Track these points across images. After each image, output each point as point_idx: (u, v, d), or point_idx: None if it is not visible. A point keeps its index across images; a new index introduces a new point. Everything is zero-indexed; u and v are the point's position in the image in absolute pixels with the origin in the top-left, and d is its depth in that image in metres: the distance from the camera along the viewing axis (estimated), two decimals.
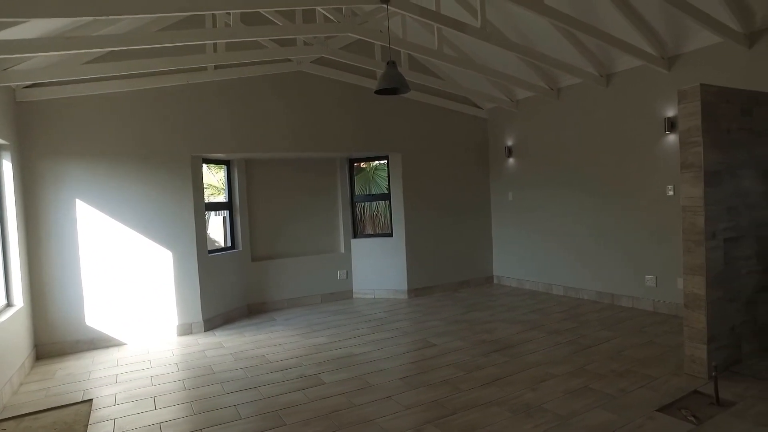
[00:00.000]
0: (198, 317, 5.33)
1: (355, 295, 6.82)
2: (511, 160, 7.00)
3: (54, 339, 4.68)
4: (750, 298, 3.68)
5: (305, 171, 6.59)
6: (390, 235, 6.77)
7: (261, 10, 4.78)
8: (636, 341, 4.30)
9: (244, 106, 5.62)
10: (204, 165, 5.74)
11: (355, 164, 6.96)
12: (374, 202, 7.19)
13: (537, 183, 6.60)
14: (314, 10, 5.10)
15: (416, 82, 6.12)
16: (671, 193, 5.01)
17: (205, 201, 5.64)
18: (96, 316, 4.85)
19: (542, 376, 3.60)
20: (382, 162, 7.02)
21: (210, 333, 5.28)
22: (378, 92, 4.10)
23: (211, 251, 5.72)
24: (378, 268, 6.74)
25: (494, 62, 6.03)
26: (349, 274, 6.80)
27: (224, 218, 6.23)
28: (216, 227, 6.69)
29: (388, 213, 6.85)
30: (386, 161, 6.83)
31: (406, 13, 4.11)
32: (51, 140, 4.66)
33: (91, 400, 3.56)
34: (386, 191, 6.90)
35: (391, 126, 6.57)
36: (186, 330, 5.26)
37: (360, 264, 6.80)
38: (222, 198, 6.35)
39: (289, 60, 5.80)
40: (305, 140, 5.99)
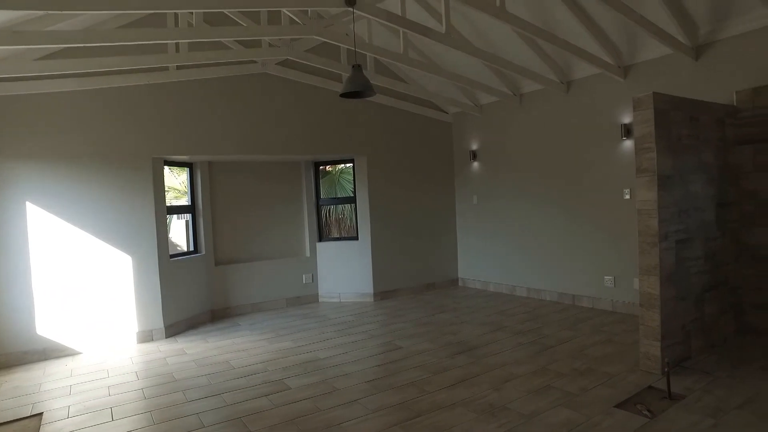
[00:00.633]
0: (159, 323, 5.18)
1: (321, 299, 6.77)
2: (476, 164, 7.11)
3: None
4: (699, 297, 3.87)
5: (270, 173, 6.51)
6: (356, 238, 6.76)
7: (225, 11, 4.71)
8: (595, 340, 4.44)
9: (207, 107, 5.51)
10: (166, 167, 5.60)
11: (321, 167, 6.93)
12: (340, 206, 7.17)
13: (501, 187, 6.73)
14: (279, 11, 5.07)
15: (382, 86, 6.15)
16: (628, 197, 5.21)
17: (167, 204, 5.49)
18: (48, 324, 4.64)
19: (506, 377, 3.67)
20: (347, 165, 7.01)
21: (172, 339, 5.14)
22: (343, 95, 4.11)
23: (173, 255, 5.57)
24: (344, 271, 6.72)
25: (459, 67, 6.12)
26: (314, 277, 6.76)
27: (187, 222, 6.08)
28: (178, 231, 6.53)
29: (354, 216, 6.84)
30: (352, 164, 6.83)
31: (372, 17, 4.13)
32: None
33: (42, 413, 3.39)
34: (352, 194, 6.89)
35: (357, 129, 6.57)
36: (146, 337, 5.11)
37: (326, 267, 6.76)
38: (185, 201, 6.19)
39: (254, 62, 5.72)
40: (270, 143, 5.92)
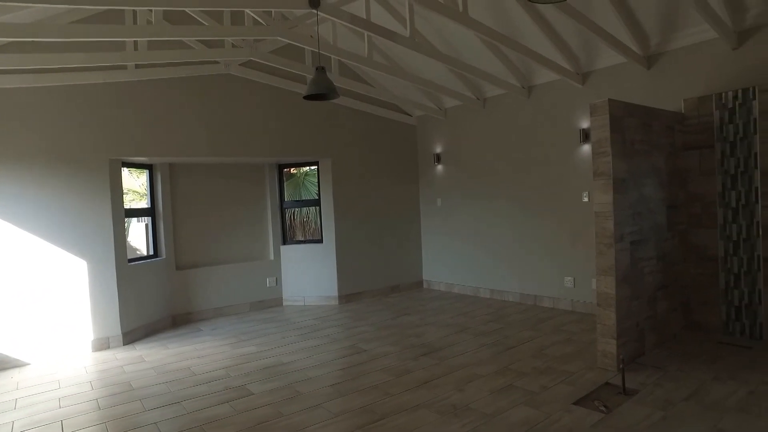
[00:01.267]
0: (116, 330, 5.00)
1: (285, 303, 6.70)
2: (440, 167, 7.19)
3: None
4: (652, 296, 4.03)
5: (233, 176, 6.40)
6: (320, 241, 6.73)
7: (187, 10, 4.61)
8: (556, 339, 4.55)
9: (167, 108, 5.36)
10: (124, 169, 5.42)
11: (285, 170, 6.86)
12: (304, 208, 7.11)
13: (465, 189, 6.83)
14: (243, 12, 5.00)
15: (346, 88, 6.15)
16: (586, 200, 5.38)
17: (126, 207, 5.32)
18: None
19: (469, 377, 3.72)
20: (312, 168, 6.97)
21: (130, 347, 4.98)
22: (307, 97, 4.09)
23: (131, 260, 5.40)
24: (308, 274, 6.67)
25: (423, 71, 6.19)
26: (278, 281, 6.68)
27: (146, 225, 5.90)
28: (137, 234, 6.33)
29: (319, 219, 6.80)
30: (316, 167, 6.79)
31: (336, 20, 4.13)
32: None
33: None
34: (316, 197, 6.85)
35: (321, 132, 6.53)
36: (102, 345, 4.92)
37: (290, 271, 6.69)
38: (144, 204, 6.01)
39: (217, 62, 5.62)
40: (232, 145, 5.81)
